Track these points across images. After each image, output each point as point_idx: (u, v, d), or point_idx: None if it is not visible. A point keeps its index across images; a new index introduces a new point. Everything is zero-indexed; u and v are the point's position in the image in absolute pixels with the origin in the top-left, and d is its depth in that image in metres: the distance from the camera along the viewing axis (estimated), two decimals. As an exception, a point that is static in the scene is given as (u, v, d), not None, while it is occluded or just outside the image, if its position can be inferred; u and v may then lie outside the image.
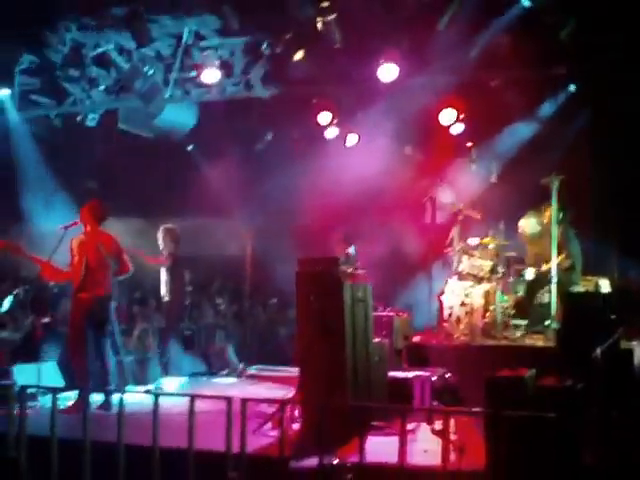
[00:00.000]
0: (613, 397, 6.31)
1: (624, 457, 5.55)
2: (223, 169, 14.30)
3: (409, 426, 7.15)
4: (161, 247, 10.81)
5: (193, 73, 11.94)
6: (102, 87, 12.37)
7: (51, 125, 13.28)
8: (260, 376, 11.62)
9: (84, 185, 14.68)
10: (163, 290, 10.77)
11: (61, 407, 7.76)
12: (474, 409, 6.99)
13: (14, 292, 10.79)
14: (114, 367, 9.25)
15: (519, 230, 10.99)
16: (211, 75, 11.69)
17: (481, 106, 12.16)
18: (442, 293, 10.51)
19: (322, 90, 12.51)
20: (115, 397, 8.33)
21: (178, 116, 12.81)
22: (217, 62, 11.66)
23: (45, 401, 8.56)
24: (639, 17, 9.80)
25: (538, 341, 9.72)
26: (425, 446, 6.70)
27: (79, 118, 12.95)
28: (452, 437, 6.43)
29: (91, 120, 12.93)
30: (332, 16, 10.71)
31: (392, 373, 8.57)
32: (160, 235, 10.84)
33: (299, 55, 11.56)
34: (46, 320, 10.38)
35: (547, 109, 12.31)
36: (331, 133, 13.32)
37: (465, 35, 10.60)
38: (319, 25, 10.77)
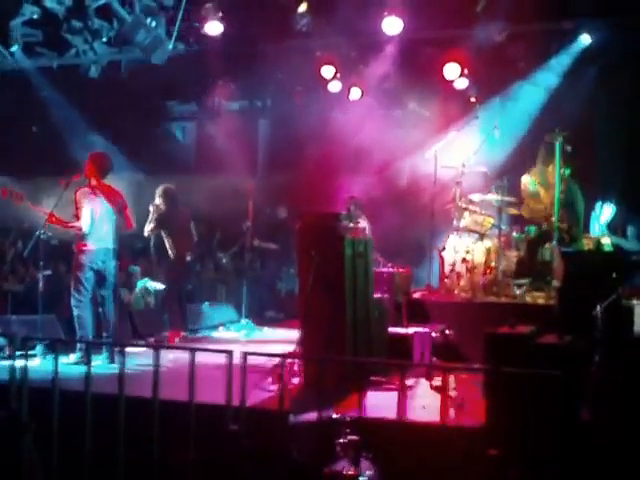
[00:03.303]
0: (612, 355, 6.32)
1: (622, 414, 5.58)
2: (224, 122, 14.23)
3: (408, 382, 7.20)
4: (157, 205, 10.69)
5: (196, 25, 11.83)
6: (104, 39, 12.26)
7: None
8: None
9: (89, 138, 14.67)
10: (168, 248, 10.74)
11: (63, 359, 7.79)
12: (473, 365, 7.04)
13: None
14: (116, 320, 9.23)
15: (522, 186, 10.93)
16: (213, 27, 11.60)
17: (486, 61, 12.06)
18: (443, 249, 10.50)
19: (326, 43, 12.42)
20: (117, 350, 8.36)
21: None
22: (219, 14, 11.54)
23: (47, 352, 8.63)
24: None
25: (539, 299, 9.71)
26: (424, 402, 6.73)
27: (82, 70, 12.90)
28: (451, 393, 6.46)
29: (93, 72, 12.88)
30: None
31: (392, 329, 8.60)
32: (158, 195, 10.75)
33: (303, 7, 11.46)
34: (48, 273, 10.36)
35: (553, 64, 12.20)
36: (334, 87, 13.24)
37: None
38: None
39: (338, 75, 12.97)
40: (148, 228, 10.59)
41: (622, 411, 5.58)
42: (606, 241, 10.66)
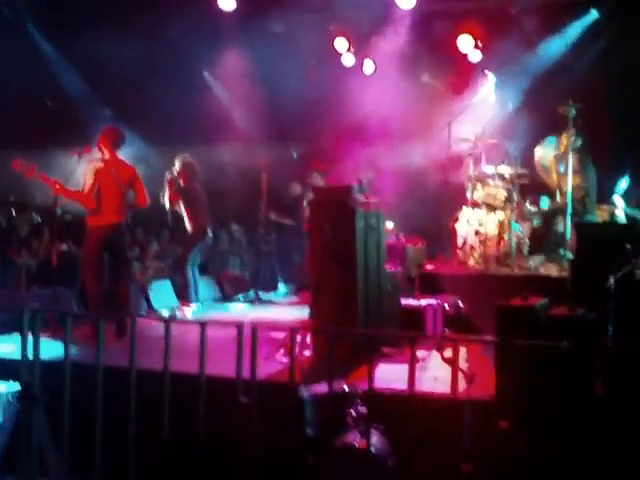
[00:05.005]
0: (625, 327, 6.28)
1: (634, 387, 5.55)
2: (237, 95, 14.19)
3: (420, 354, 7.18)
4: (176, 178, 10.60)
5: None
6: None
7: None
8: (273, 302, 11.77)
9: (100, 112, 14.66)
10: (186, 223, 10.68)
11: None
12: (485, 337, 7.02)
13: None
14: (128, 293, 9.24)
15: (535, 158, 10.87)
16: (227, 3, 11.61)
17: (499, 33, 11.98)
18: (456, 221, 10.47)
19: (339, 16, 12.35)
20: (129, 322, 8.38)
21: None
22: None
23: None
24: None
25: (553, 270, 9.67)
26: (435, 374, 6.72)
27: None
28: (462, 365, 6.44)
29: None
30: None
31: (404, 301, 8.58)
32: (177, 166, 10.64)
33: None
34: (63, 247, 10.40)
35: (566, 36, 12.11)
36: (347, 60, 13.19)
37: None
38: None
39: (351, 48, 12.91)
40: (166, 200, 10.45)
41: (636, 384, 5.54)
42: (620, 212, 10.59)
